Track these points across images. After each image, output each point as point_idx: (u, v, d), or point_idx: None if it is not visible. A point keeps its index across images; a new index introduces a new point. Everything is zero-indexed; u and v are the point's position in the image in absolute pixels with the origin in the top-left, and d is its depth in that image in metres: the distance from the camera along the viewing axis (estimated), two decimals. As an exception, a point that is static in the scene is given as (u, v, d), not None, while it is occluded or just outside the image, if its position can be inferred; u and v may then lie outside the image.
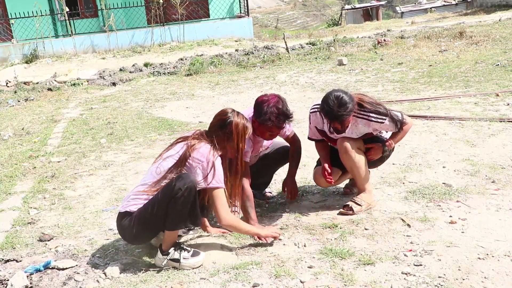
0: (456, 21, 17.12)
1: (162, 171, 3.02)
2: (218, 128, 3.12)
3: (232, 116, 3.13)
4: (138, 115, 7.61)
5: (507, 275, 2.66)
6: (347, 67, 10.31)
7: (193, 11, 18.84)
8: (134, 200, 3.03)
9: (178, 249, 3.04)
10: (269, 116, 3.35)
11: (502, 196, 3.66)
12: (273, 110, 3.36)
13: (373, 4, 36.19)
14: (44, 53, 15.78)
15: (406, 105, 6.66)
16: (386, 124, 3.49)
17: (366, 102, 3.48)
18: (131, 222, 2.99)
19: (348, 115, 3.34)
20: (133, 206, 3.01)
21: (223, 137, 3.11)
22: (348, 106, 3.31)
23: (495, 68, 8.39)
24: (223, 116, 3.14)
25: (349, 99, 3.34)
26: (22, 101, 9.55)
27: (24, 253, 3.39)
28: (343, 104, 3.30)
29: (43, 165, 5.41)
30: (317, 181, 3.80)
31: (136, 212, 3.00)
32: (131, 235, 3.06)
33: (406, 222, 3.36)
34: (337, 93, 3.36)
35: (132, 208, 3.01)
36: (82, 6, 18.87)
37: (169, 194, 2.89)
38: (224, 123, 3.11)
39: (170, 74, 11.48)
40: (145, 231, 3.04)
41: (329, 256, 3.00)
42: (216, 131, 3.12)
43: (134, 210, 3.00)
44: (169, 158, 3.04)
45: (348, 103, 3.32)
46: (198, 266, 3.04)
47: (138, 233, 3.03)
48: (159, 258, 3.06)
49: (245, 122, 3.17)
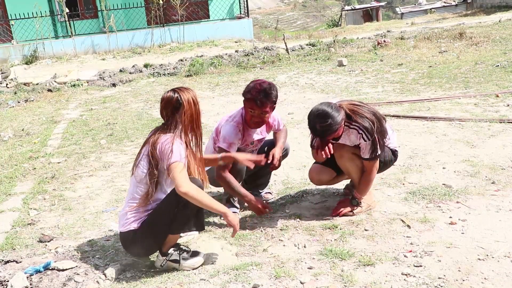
0: (456, 22, 17.14)
1: (143, 178, 2.98)
2: (171, 113, 3.01)
3: (179, 94, 3.01)
4: (138, 116, 7.62)
5: (507, 276, 2.66)
6: (347, 68, 10.31)
7: (193, 12, 18.86)
8: (133, 216, 3.01)
9: (178, 250, 3.04)
10: (250, 90, 3.47)
11: (502, 197, 3.65)
12: (256, 86, 3.47)
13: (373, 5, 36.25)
14: (44, 54, 15.78)
15: (406, 106, 6.66)
16: (367, 144, 3.38)
17: (357, 114, 3.37)
18: (139, 238, 2.99)
19: (332, 131, 3.26)
20: (134, 223, 3.00)
21: (181, 118, 3.00)
22: (331, 122, 3.22)
23: (495, 69, 8.39)
24: (171, 100, 3.01)
25: (334, 113, 3.24)
26: (22, 102, 9.55)
27: (24, 254, 3.39)
28: (326, 121, 3.21)
29: (43, 166, 5.41)
30: (311, 178, 3.80)
31: (141, 227, 2.98)
32: (143, 250, 3.08)
33: (406, 223, 3.36)
34: (321, 109, 3.27)
35: (134, 225, 2.99)
36: (82, 7, 18.88)
37: (175, 200, 2.89)
38: (176, 105, 2.99)
39: (170, 75, 11.49)
40: (156, 240, 3.03)
41: (329, 257, 3.00)
42: (171, 117, 3.02)
43: (137, 227, 2.99)
44: (141, 163, 3.01)
45: (333, 118, 3.22)
46: (198, 266, 3.04)
47: (149, 246, 3.06)
48: (159, 260, 3.07)
49: (190, 92, 3.06)
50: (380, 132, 3.40)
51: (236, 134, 3.58)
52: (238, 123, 3.61)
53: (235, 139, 3.56)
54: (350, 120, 3.38)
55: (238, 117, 3.65)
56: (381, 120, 3.44)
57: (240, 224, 3.60)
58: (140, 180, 3.00)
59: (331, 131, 3.26)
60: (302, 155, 3.91)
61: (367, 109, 3.42)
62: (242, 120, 3.63)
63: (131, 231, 2.99)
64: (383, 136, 3.43)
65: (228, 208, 3.22)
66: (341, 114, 3.29)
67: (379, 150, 3.41)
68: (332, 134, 3.30)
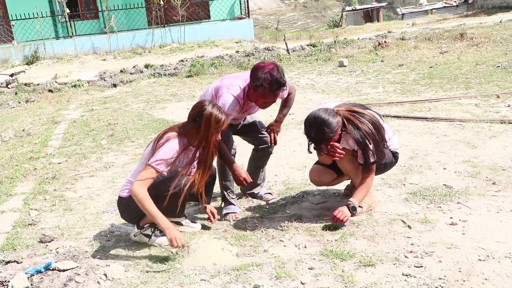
0: (456, 23, 17.14)
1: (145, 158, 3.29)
2: (192, 119, 3.23)
3: (207, 107, 3.20)
4: (139, 117, 7.62)
5: (507, 277, 2.65)
6: (347, 68, 10.31)
7: (193, 12, 18.88)
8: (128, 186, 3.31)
9: (152, 227, 3.36)
10: (262, 82, 3.37)
11: (502, 197, 3.65)
12: (267, 76, 3.37)
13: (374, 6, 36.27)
14: (45, 55, 15.81)
15: (407, 107, 6.66)
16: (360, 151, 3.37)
17: (353, 124, 3.34)
18: (125, 206, 3.35)
19: (326, 139, 3.28)
20: (124, 192, 3.33)
21: (195, 127, 3.21)
22: (326, 129, 3.24)
23: (495, 70, 8.39)
24: (199, 108, 3.22)
25: (331, 120, 3.25)
26: (23, 102, 9.55)
27: (25, 255, 3.39)
28: (322, 128, 3.24)
29: (43, 166, 5.41)
30: (312, 179, 3.80)
31: (129, 196, 3.23)
32: (126, 216, 3.46)
33: (406, 224, 3.36)
34: (317, 116, 3.28)
35: (124, 193, 3.34)
36: (82, 8, 18.90)
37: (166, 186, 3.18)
38: (199, 114, 3.19)
39: (171, 76, 11.49)
40: (136, 213, 3.29)
41: (329, 258, 3.00)
42: (189, 122, 3.25)
43: (126, 196, 3.31)
44: (150, 146, 3.32)
45: (328, 126, 3.24)
46: (166, 244, 3.24)
47: (131, 216, 3.41)
48: (134, 231, 3.43)
49: (219, 114, 3.20)
50: (376, 142, 3.35)
51: (234, 107, 3.54)
52: (239, 98, 3.55)
53: (232, 111, 3.53)
54: (348, 126, 3.36)
55: (239, 92, 3.55)
56: (380, 130, 3.39)
57: (241, 224, 3.62)
58: (144, 158, 3.30)
59: (326, 139, 3.28)
60: (303, 156, 3.92)
61: (365, 118, 3.37)
62: (243, 96, 3.57)
63: (121, 197, 3.37)
64: (378, 146, 3.37)
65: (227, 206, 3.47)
66: (337, 121, 3.29)
67: (371, 159, 3.38)
68: (328, 141, 3.31)
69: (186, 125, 3.27)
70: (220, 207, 3.92)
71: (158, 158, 3.14)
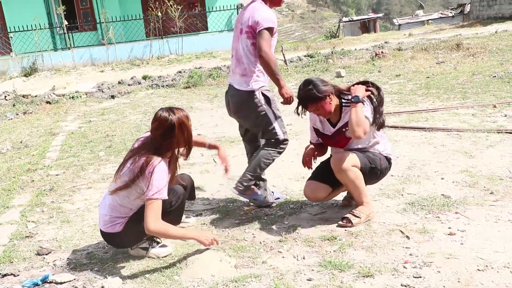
0: (453, 33, 17.24)
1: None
2: (163, 136, 3.16)
3: (171, 117, 3.17)
4: (137, 128, 7.62)
5: (506, 287, 2.65)
6: (345, 79, 10.35)
7: (191, 24, 18.98)
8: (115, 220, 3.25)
9: (150, 240, 3.34)
10: None
11: (500, 207, 3.65)
12: None
13: (371, 17, 36.49)
14: (43, 66, 15.84)
15: (404, 117, 6.68)
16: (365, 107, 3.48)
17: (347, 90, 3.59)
18: (121, 237, 3.26)
19: (312, 98, 3.45)
20: (117, 226, 3.24)
21: (172, 141, 3.16)
22: (313, 88, 3.44)
23: (492, 80, 8.43)
24: (165, 122, 3.16)
25: (318, 83, 3.47)
26: (21, 114, 9.56)
27: (22, 267, 3.37)
28: (308, 87, 3.47)
29: (41, 178, 5.40)
30: (307, 196, 3.80)
31: (123, 229, 3.23)
32: (123, 245, 3.38)
33: (405, 234, 3.36)
34: (308, 78, 3.59)
35: (117, 228, 3.24)
36: (81, 20, 19.00)
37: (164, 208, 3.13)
38: (170, 127, 3.15)
39: (169, 87, 11.52)
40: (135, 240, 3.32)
41: (328, 269, 2.99)
42: (163, 139, 3.16)
43: (120, 230, 3.24)
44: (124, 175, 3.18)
45: (315, 86, 3.45)
46: (165, 255, 3.30)
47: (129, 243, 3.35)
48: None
49: (183, 112, 3.24)
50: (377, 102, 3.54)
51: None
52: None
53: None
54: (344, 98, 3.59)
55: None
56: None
57: (239, 235, 3.61)
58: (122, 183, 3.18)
59: (312, 98, 3.45)
60: (301, 166, 3.91)
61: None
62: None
63: (112, 233, 3.26)
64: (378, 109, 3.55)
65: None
66: (327, 86, 3.49)
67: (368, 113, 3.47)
68: (314, 103, 3.47)
69: (161, 145, 3.17)
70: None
71: (159, 189, 3.04)
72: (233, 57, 4.03)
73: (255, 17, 3.73)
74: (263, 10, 3.75)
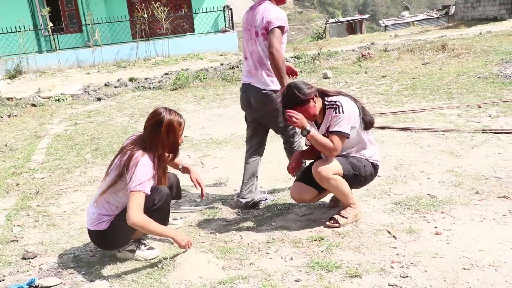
0: (438, 34, 17.40)
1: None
2: (152, 131, 3.23)
3: (165, 115, 3.25)
4: (123, 130, 7.58)
5: (492, 285, 2.68)
6: (331, 80, 10.39)
7: (178, 25, 18.91)
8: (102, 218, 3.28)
9: (137, 242, 3.36)
10: None
11: (485, 206, 3.69)
12: None
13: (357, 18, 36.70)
14: (28, 69, 15.67)
15: (391, 118, 6.72)
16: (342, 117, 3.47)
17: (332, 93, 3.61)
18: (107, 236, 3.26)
19: (295, 101, 3.46)
20: (103, 224, 3.26)
21: (158, 138, 3.22)
22: (295, 91, 3.45)
23: (476, 80, 8.53)
24: (157, 117, 3.25)
25: (302, 86, 3.48)
26: (5, 117, 9.44)
27: (7, 272, 3.34)
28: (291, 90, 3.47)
29: (26, 181, 5.34)
30: (293, 197, 3.80)
31: (109, 227, 3.25)
32: (109, 246, 3.36)
33: (392, 234, 3.38)
34: (292, 82, 3.57)
35: (102, 226, 3.26)
36: (66, 21, 18.83)
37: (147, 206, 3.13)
38: (159, 123, 3.23)
39: (155, 89, 11.47)
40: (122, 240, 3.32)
41: (316, 269, 3.00)
42: (150, 134, 3.24)
43: (106, 228, 3.26)
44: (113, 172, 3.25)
45: (299, 90, 3.46)
46: (151, 258, 3.31)
47: (116, 244, 3.34)
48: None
49: (178, 118, 3.30)
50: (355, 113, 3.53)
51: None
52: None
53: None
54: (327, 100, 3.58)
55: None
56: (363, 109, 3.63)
57: (227, 237, 3.60)
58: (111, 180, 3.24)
59: (294, 100, 3.46)
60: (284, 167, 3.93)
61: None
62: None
63: (100, 231, 3.26)
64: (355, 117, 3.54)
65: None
66: (310, 89, 3.50)
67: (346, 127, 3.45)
68: (297, 105, 3.47)
69: (147, 138, 3.24)
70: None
71: (141, 181, 3.09)
72: (248, 59, 4.12)
73: (268, 17, 3.88)
74: (274, 10, 3.93)
